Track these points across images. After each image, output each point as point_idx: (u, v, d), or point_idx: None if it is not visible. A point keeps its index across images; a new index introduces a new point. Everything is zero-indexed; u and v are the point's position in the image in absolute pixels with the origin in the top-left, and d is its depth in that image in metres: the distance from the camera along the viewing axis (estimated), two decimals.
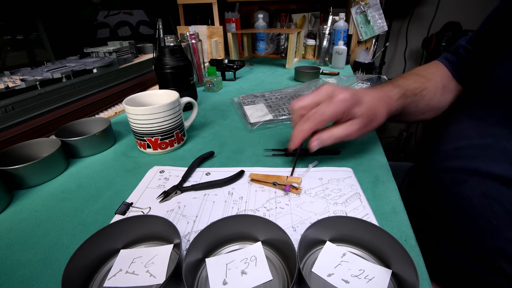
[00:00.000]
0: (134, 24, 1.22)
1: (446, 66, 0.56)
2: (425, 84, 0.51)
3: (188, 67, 0.68)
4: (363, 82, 0.77)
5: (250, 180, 0.42)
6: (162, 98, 0.54)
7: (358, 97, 0.40)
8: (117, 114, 0.71)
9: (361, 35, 1.25)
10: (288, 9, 1.44)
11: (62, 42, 0.90)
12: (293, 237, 0.31)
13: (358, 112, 0.40)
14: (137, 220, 0.30)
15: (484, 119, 0.42)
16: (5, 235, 0.34)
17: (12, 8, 0.77)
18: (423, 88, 0.51)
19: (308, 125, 0.39)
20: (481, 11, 1.74)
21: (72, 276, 0.25)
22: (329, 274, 0.27)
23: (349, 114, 0.40)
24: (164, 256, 0.29)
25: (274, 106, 0.70)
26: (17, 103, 0.51)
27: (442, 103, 0.54)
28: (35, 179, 0.43)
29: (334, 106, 0.39)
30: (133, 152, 0.52)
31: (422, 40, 1.89)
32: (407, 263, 0.25)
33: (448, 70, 0.55)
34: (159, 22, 0.67)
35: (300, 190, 0.40)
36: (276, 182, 0.39)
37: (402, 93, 0.47)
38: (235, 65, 1.00)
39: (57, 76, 0.60)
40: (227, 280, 0.26)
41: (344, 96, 0.39)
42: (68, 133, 0.53)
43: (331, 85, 0.42)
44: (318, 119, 0.39)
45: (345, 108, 0.39)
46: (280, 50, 1.43)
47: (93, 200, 0.40)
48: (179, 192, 0.40)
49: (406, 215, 0.35)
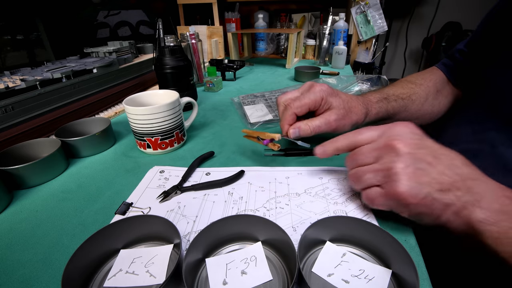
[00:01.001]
0: (134, 24, 1.22)
1: (442, 70, 0.56)
2: (414, 89, 0.53)
3: (188, 67, 0.68)
4: (363, 82, 0.77)
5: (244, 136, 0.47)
6: (162, 98, 0.54)
7: (335, 91, 0.44)
8: (117, 114, 0.71)
9: (361, 35, 1.25)
10: (288, 9, 1.44)
11: (62, 42, 0.90)
12: (293, 237, 0.31)
13: (335, 102, 0.43)
14: (137, 220, 0.30)
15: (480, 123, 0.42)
16: (5, 235, 0.34)
17: (12, 8, 0.77)
18: (411, 93, 0.52)
19: (290, 111, 0.43)
20: (481, 11, 1.74)
21: (72, 276, 0.25)
22: (329, 274, 0.27)
23: (326, 102, 0.43)
24: (164, 256, 0.29)
25: (274, 106, 0.70)
26: (17, 103, 0.51)
27: (436, 108, 0.55)
28: (35, 179, 0.43)
29: (313, 93, 0.42)
30: (133, 152, 0.52)
31: (422, 40, 1.89)
32: (407, 263, 0.25)
33: (444, 74, 0.56)
34: (159, 22, 0.67)
35: (277, 146, 0.42)
36: (259, 136, 0.43)
37: (383, 97, 0.49)
38: (235, 65, 1.00)
39: (57, 76, 0.60)
40: (227, 280, 0.26)
41: (322, 86, 0.43)
42: (68, 133, 0.53)
43: (313, 82, 0.45)
44: (297, 104, 0.42)
45: (322, 95, 0.42)
46: (280, 50, 1.43)
47: (93, 200, 0.40)
48: (179, 192, 0.40)
49: None
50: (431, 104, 0.54)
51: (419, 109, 0.52)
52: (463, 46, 0.54)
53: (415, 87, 0.53)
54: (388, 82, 0.73)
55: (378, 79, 0.76)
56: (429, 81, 0.55)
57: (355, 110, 0.44)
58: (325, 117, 0.42)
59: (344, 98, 0.44)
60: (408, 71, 2.11)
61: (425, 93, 0.53)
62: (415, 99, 0.52)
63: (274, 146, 0.42)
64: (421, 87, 0.53)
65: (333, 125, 0.43)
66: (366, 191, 0.32)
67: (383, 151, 0.30)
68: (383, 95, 0.49)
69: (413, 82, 0.54)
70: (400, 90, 0.52)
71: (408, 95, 0.51)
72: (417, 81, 0.55)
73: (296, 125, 0.43)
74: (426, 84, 0.54)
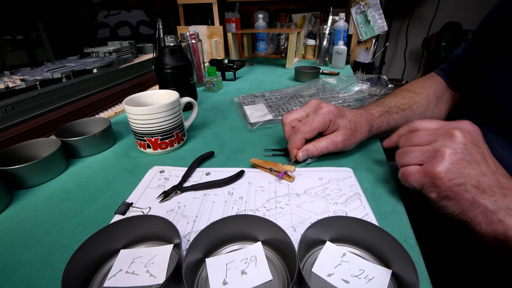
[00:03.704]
0: (134, 24, 1.22)
1: (441, 76, 0.57)
2: (414, 98, 0.53)
3: (188, 67, 0.68)
4: (363, 82, 0.77)
5: (252, 165, 0.46)
6: (162, 98, 0.54)
7: (341, 111, 0.44)
8: (117, 114, 0.71)
9: (361, 35, 1.25)
10: (288, 9, 1.44)
11: (62, 42, 0.90)
12: (293, 237, 0.31)
13: (342, 123, 0.43)
14: (137, 220, 0.30)
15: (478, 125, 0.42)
16: (5, 235, 0.34)
17: (12, 8, 0.77)
18: (412, 102, 0.52)
19: (300, 136, 0.43)
20: (481, 11, 1.74)
21: (72, 276, 0.25)
22: (329, 274, 0.27)
23: (334, 124, 0.43)
24: (164, 256, 0.29)
25: (274, 106, 0.70)
26: (17, 103, 0.51)
27: (438, 115, 0.55)
28: (35, 179, 0.43)
29: (321, 117, 0.42)
30: (133, 152, 0.52)
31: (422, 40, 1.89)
32: (407, 263, 0.25)
33: (444, 79, 0.56)
34: (159, 22, 0.67)
35: (293, 178, 0.42)
36: (272, 168, 0.42)
37: (385, 110, 0.49)
38: (235, 65, 1.00)
39: (57, 76, 0.60)
40: (227, 280, 0.26)
41: (329, 108, 0.43)
42: (68, 133, 0.53)
43: (318, 100, 0.45)
44: (307, 129, 0.43)
45: (330, 117, 0.42)
46: (280, 50, 1.43)
47: (93, 200, 0.40)
48: (179, 192, 0.40)
49: (406, 215, 0.35)
50: (432, 112, 0.54)
51: (420, 118, 0.53)
52: (460, 51, 0.54)
53: (415, 96, 0.53)
54: (388, 82, 0.73)
55: (378, 79, 0.76)
56: (428, 89, 0.55)
57: (360, 129, 0.45)
58: (332, 138, 0.43)
59: (350, 118, 0.44)
60: (408, 71, 2.11)
61: (426, 102, 0.53)
62: (416, 109, 0.52)
63: (290, 179, 0.42)
64: (421, 95, 0.54)
65: (340, 146, 0.44)
66: (405, 168, 0.33)
67: (439, 136, 0.31)
68: (384, 108, 0.50)
69: (413, 92, 0.54)
70: (400, 101, 0.52)
71: (409, 105, 0.52)
72: (417, 90, 0.55)
73: (304, 148, 0.44)
74: (426, 92, 0.55)
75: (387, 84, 0.73)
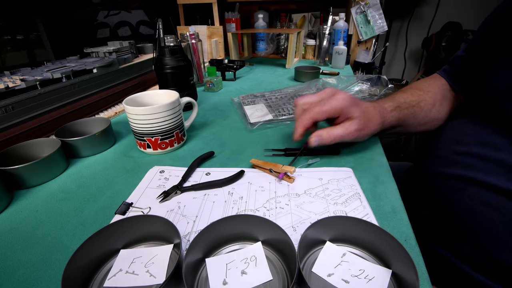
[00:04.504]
0: (134, 24, 1.22)
1: (444, 77, 0.57)
2: (422, 96, 0.53)
3: (188, 67, 0.68)
4: (363, 82, 0.77)
5: (252, 166, 0.46)
6: (162, 98, 0.54)
7: (356, 100, 0.44)
8: (117, 114, 0.71)
9: (361, 35, 1.25)
10: (288, 9, 1.43)
11: (62, 42, 0.90)
12: (293, 237, 0.31)
13: (355, 113, 0.42)
14: (137, 220, 0.30)
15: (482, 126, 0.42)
16: (5, 235, 0.34)
17: (12, 8, 0.77)
18: (420, 100, 0.53)
19: (309, 115, 0.43)
20: (481, 11, 1.74)
21: (72, 276, 0.25)
22: (329, 274, 0.27)
23: (347, 112, 0.42)
24: (164, 256, 0.29)
25: (274, 106, 0.70)
26: (17, 103, 0.51)
27: (442, 114, 0.55)
28: (35, 179, 0.43)
29: (334, 101, 0.42)
30: (133, 152, 0.52)
31: (422, 40, 1.89)
32: (407, 263, 0.25)
33: (446, 80, 0.56)
34: (159, 22, 0.67)
35: (293, 179, 0.42)
36: (272, 169, 0.42)
37: (397, 105, 0.50)
38: (235, 65, 1.00)
39: (57, 76, 0.60)
40: (227, 280, 0.26)
41: (344, 95, 0.43)
42: (68, 133, 0.53)
43: (333, 88, 0.45)
44: (317, 110, 0.42)
45: (343, 105, 0.42)
46: (280, 50, 1.43)
47: (93, 200, 0.40)
48: (179, 192, 0.40)
49: (406, 215, 0.35)
50: (438, 110, 0.54)
51: (426, 115, 0.53)
52: (462, 51, 0.54)
53: (423, 94, 0.54)
54: (388, 82, 0.73)
55: (378, 79, 0.76)
56: (435, 88, 0.55)
57: (374, 120, 0.45)
58: (346, 127, 0.42)
59: (364, 109, 0.44)
60: (408, 71, 2.11)
61: (433, 100, 0.54)
62: (423, 106, 0.52)
63: (290, 180, 0.42)
64: (428, 93, 0.54)
65: (354, 135, 0.43)
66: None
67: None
68: (395, 103, 0.50)
69: (421, 89, 0.55)
70: (410, 98, 0.52)
71: (417, 102, 0.52)
72: (424, 88, 0.55)
73: (317, 133, 0.42)
74: (433, 90, 0.55)
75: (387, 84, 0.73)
